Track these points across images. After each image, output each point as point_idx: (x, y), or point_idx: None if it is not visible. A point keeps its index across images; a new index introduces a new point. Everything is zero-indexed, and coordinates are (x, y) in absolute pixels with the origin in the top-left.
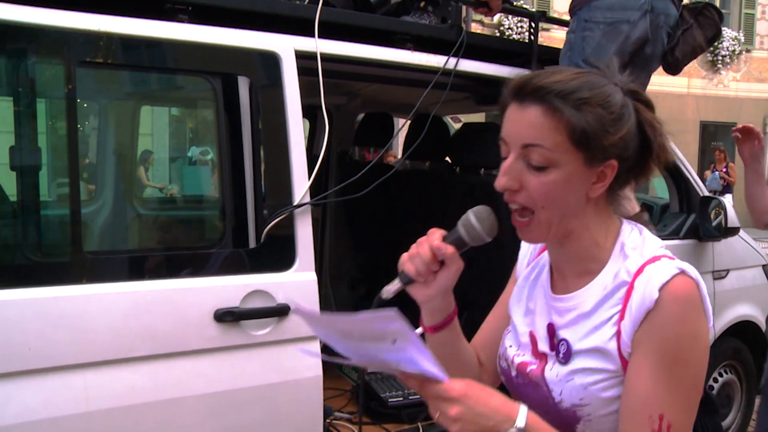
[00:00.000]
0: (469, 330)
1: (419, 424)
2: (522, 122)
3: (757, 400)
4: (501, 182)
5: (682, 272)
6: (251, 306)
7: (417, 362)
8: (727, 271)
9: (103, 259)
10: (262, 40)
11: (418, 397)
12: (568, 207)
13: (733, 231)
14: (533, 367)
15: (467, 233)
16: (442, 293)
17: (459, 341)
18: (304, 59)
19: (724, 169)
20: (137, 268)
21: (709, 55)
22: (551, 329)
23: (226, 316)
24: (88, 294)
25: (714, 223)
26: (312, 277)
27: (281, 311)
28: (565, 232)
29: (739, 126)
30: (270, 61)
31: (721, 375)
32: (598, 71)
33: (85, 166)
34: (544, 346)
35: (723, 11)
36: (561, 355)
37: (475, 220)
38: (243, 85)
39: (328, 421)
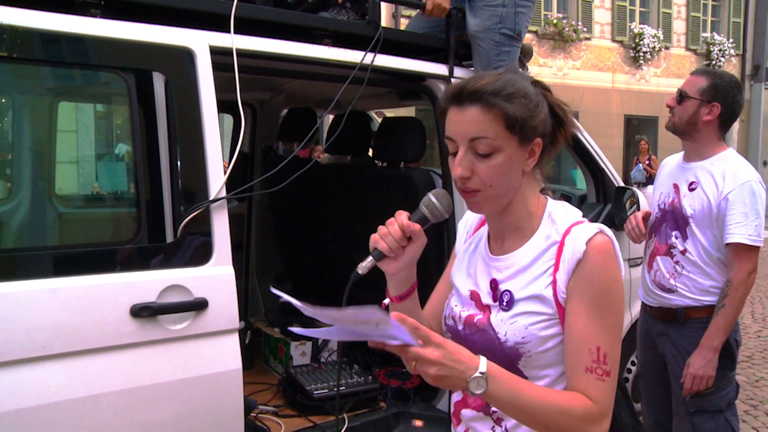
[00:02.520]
0: None
1: (345, 415)
2: (465, 121)
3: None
4: (457, 172)
5: (601, 231)
6: (168, 301)
7: (397, 336)
8: (642, 258)
9: (16, 257)
10: (176, 36)
11: (344, 389)
12: (510, 183)
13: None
14: (480, 316)
15: (430, 212)
16: (409, 265)
17: (418, 309)
18: (220, 55)
19: (647, 161)
20: (51, 265)
21: (631, 51)
22: (494, 283)
23: (143, 311)
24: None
25: (629, 212)
26: (229, 271)
27: (199, 305)
28: (508, 202)
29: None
30: (184, 57)
31: (633, 364)
32: (510, 70)
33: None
34: (487, 299)
35: (642, 9)
36: (504, 303)
37: (435, 200)
38: (158, 81)
39: (253, 414)
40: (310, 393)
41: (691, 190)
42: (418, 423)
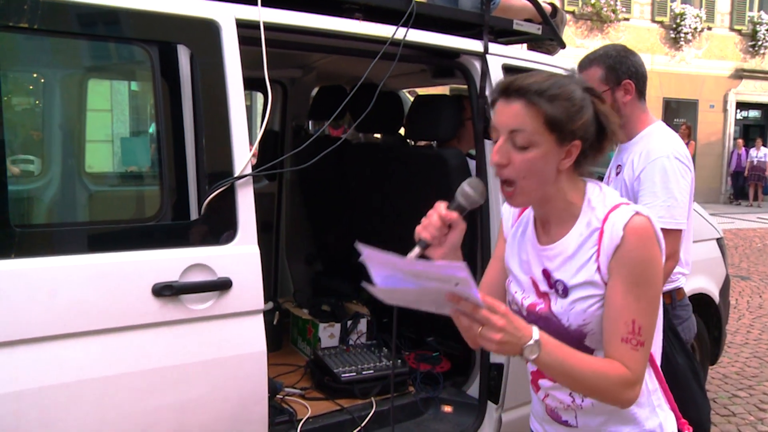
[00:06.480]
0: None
1: (372, 399)
2: (509, 114)
3: None
4: (494, 159)
5: (637, 213)
6: (191, 280)
7: (472, 298)
8: (694, 241)
9: (33, 233)
10: (201, 8)
11: (372, 372)
12: (543, 177)
13: None
14: (541, 306)
15: (465, 200)
16: (453, 250)
17: None
18: (247, 28)
19: (685, 144)
20: (72, 242)
21: (671, 32)
22: (546, 273)
23: (165, 291)
24: (16, 269)
25: None
26: (254, 250)
27: (222, 285)
28: (543, 196)
29: None
30: (210, 30)
31: None
32: (563, 73)
33: (23, 139)
34: (544, 286)
35: None
36: (560, 291)
37: (469, 188)
38: (183, 54)
39: (279, 396)
40: (338, 376)
41: (617, 174)
42: (448, 408)
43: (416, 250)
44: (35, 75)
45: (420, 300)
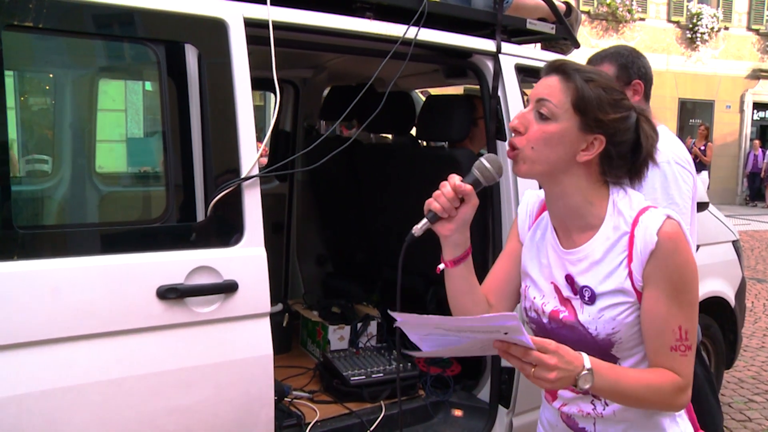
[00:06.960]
0: (435, 304)
1: (382, 403)
2: (544, 84)
3: None
4: (513, 123)
5: (668, 217)
6: (196, 282)
7: (523, 343)
8: (698, 246)
9: (37, 235)
10: (209, 6)
11: (381, 375)
12: (554, 156)
13: (702, 206)
14: (565, 314)
15: (481, 174)
16: (462, 227)
17: (472, 277)
18: (255, 27)
19: (703, 146)
20: (76, 244)
21: (687, 32)
22: (569, 278)
23: (170, 293)
24: (19, 271)
25: None
26: (261, 252)
27: (228, 288)
28: (552, 178)
29: None
30: (217, 29)
31: None
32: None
33: (30, 139)
34: (567, 292)
35: None
36: (587, 298)
37: (487, 163)
38: (190, 54)
39: (288, 399)
40: (347, 379)
41: None
42: (458, 413)
43: (423, 222)
44: (42, 74)
45: (466, 349)
